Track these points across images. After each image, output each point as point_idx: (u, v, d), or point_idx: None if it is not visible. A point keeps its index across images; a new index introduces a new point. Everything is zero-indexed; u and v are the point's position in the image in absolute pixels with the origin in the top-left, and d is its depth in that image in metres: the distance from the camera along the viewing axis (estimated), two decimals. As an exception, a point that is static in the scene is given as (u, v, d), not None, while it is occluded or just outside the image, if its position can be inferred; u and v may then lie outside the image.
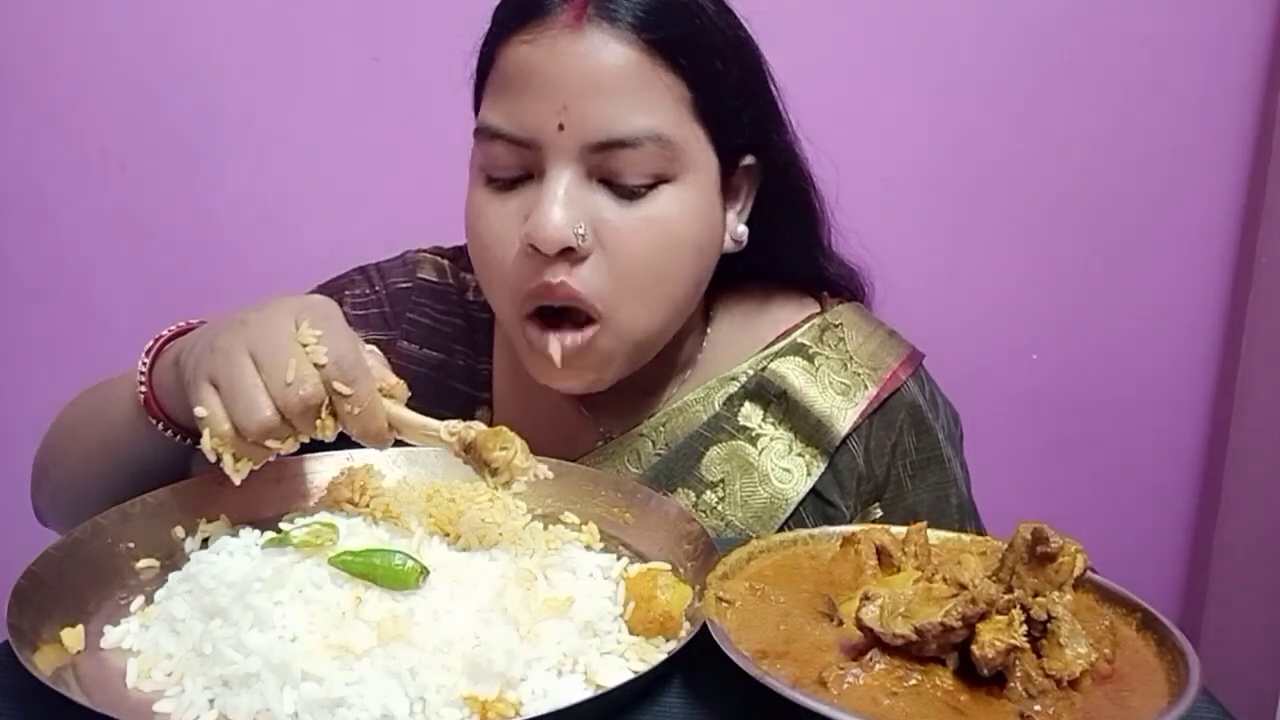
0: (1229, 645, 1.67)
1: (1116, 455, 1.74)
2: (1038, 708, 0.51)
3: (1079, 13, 1.56)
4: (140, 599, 0.62)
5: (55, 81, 1.57)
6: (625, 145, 0.72)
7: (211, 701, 0.53)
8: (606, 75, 0.71)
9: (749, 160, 0.82)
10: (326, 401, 0.63)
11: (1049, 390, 1.69)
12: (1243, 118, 1.60)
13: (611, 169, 0.73)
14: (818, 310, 0.92)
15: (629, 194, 0.74)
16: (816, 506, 0.86)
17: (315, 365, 0.62)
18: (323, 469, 0.77)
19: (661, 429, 0.87)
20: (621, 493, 0.75)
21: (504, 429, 0.65)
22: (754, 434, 0.86)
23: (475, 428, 0.65)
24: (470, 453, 0.65)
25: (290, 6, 1.54)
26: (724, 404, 0.87)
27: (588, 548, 0.71)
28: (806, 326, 0.90)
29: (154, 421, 0.73)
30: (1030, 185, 1.63)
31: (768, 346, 0.89)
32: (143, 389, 0.72)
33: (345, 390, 0.62)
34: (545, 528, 0.71)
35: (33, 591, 0.58)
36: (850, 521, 0.86)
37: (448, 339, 0.91)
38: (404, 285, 0.92)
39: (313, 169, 1.60)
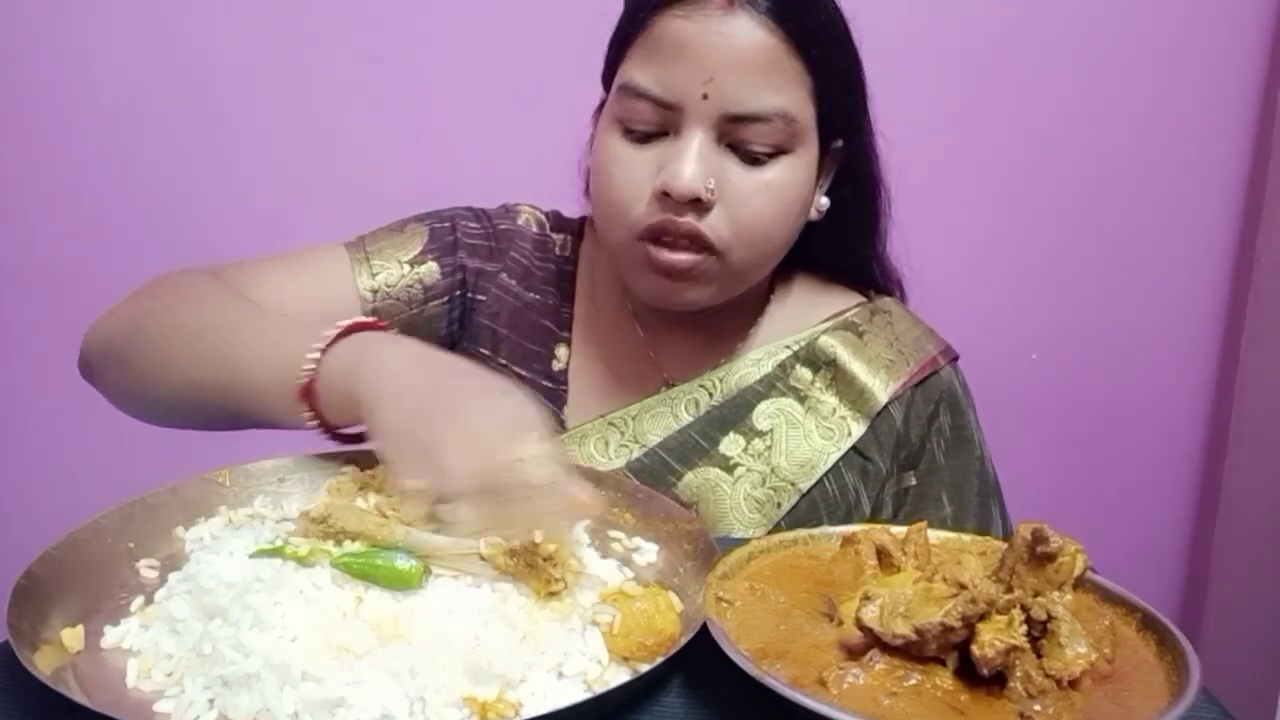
0: (1229, 645, 1.67)
1: (1116, 455, 1.74)
2: (1038, 708, 0.51)
3: (1077, 14, 1.56)
4: (140, 599, 0.62)
5: (55, 81, 1.57)
6: (757, 119, 0.82)
7: (211, 701, 0.53)
8: (749, 56, 0.80)
9: (838, 144, 0.91)
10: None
11: (1049, 390, 1.70)
12: (1243, 118, 1.60)
13: (740, 137, 0.83)
14: (868, 300, 1.01)
15: (752, 160, 0.83)
16: (854, 461, 0.93)
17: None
18: (323, 469, 0.76)
19: (719, 383, 0.95)
20: (622, 492, 0.75)
21: (547, 531, 0.61)
22: (803, 394, 0.94)
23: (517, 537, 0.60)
24: (517, 557, 0.60)
25: (290, 6, 1.55)
26: (778, 366, 0.95)
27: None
28: (858, 309, 0.99)
29: (305, 409, 0.71)
30: (1029, 185, 1.63)
31: (821, 323, 0.98)
32: (307, 374, 0.70)
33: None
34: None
35: (33, 591, 0.58)
36: (885, 480, 0.94)
37: (539, 281, 0.99)
38: (508, 228, 1.00)
39: (313, 169, 1.60)
